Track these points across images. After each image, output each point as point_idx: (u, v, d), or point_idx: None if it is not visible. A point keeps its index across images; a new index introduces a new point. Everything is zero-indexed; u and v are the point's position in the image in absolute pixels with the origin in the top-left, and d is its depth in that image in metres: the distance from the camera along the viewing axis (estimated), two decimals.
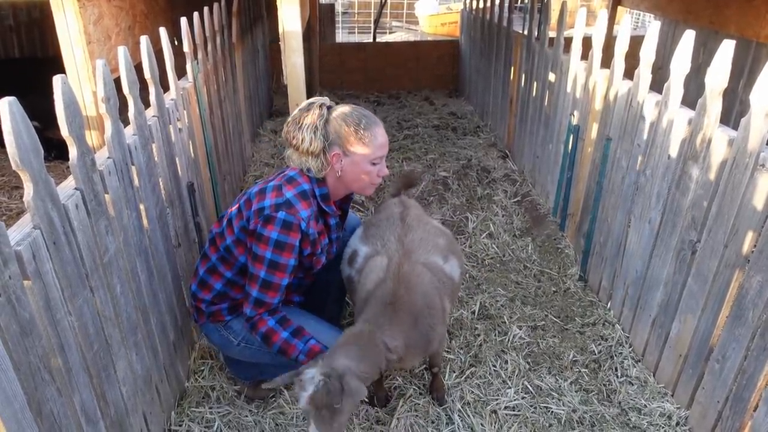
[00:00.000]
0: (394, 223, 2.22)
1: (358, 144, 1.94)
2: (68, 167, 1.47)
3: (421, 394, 2.30)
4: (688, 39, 2.09)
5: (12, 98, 1.15)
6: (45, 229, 1.28)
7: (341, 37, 11.87)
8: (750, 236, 1.79)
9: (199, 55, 3.00)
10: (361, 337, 1.84)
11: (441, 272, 2.11)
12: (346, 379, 1.66)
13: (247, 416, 2.18)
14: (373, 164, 1.97)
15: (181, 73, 2.62)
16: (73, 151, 1.44)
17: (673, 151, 2.22)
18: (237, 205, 2.02)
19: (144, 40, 2.08)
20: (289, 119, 1.99)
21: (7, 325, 1.12)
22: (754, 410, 1.76)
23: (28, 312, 1.20)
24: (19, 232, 1.24)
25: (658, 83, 2.34)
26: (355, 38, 12.36)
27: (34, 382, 1.21)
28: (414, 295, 1.94)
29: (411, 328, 1.92)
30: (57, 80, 1.35)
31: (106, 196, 1.62)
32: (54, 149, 4.19)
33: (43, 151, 1.27)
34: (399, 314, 1.90)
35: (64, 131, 1.40)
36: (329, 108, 1.97)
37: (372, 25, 9.62)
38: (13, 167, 1.20)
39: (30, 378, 1.20)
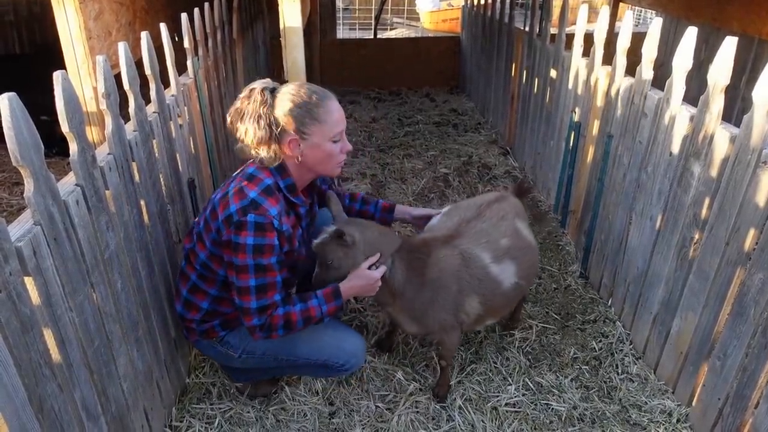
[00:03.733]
0: (471, 207, 2.26)
1: (314, 124, 1.76)
2: (69, 163, 1.46)
3: (421, 390, 2.30)
4: (690, 36, 2.08)
5: (12, 94, 1.15)
6: (45, 225, 1.28)
7: (342, 33, 11.83)
8: (752, 233, 1.79)
9: (200, 51, 2.99)
10: (388, 235, 2.03)
11: (481, 269, 2.08)
12: (347, 234, 1.87)
13: (248, 412, 2.18)
14: (334, 142, 1.81)
15: (181, 69, 2.61)
16: (73, 147, 1.44)
17: (675, 148, 2.21)
18: (203, 217, 1.88)
19: (144, 36, 2.08)
20: (231, 109, 1.80)
21: (8, 320, 1.12)
22: (755, 408, 1.76)
23: (29, 308, 1.20)
24: (19, 228, 1.24)
25: (659, 80, 2.33)
26: (356, 34, 12.33)
27: (35, 378, 1.21)
28: (433, 266, 2.02)
29: (414, 288, 2.03)
30: (57, 76, 1.35)
31: (106, 192, 1.62)
32: (57, 146, 4.19)
33: (43, 147, 1.27)
34: (413, 267, 2.00)
35: (65, 127, 1.40)
36: (273, 91, 1.78)
37: (373, 22, 9.59)
38: (14, 163, 1.20)
39: (31, 374, 1.20)
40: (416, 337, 2.56)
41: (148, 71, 2.11)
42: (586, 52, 3.14)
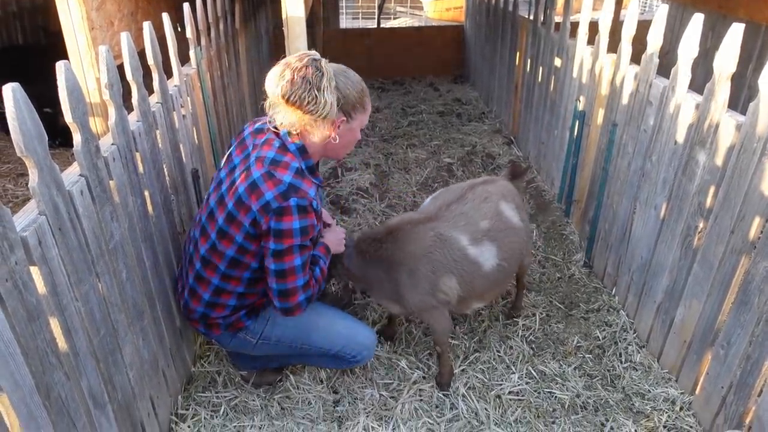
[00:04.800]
0: (455, 191, 2.31)
1: (360, 109, 1.82)
2: (73, 154, 1.47)
3: (424, 378, 2.31)
4: (696, 23, 2.06)
5: (15, 84, 1.15)
6: (50, 215, 1.29)
7: (345, 22, 11.77)
8: (757, 222, 1.78)
9: (202, 41, 2.98)
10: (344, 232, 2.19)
11: (458, 251, 2.13)
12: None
13: (254, 400, 2.20)
14: (360, 130, 1.89)
15: (184, 59, 2.61)
16: (77, 137, 1.44)
17: (680, 136, 2.20)
18: (221, 214, 1.82)
19: (147, 26, 2.07)
20: (288, 77, 1.67)
21: (15, 309, 1.13)
22: (759, 396, 1.77)
23: (35, 297, 1.21)
24: (24, 218, 1.24)
25: (665, 68, 2.31)
26: (359, 24, 12.25)
27: (42, 366, 1.23)
28: (398, 249, 2.11)
29: (377, 271, 2.14)
30: (60, 66, 1.35)
31: (110, 182, 1.63)
32: (60, 136, 4.20)
33: (47, 138, 1.27)
34: (369, 252, 2.14)
35: (68, 117, 1.40)
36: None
37: (376, 11, 9.53)
38: (18, 153, 1.20)
39: (38, 362, 1.21)
40: (408, 321, 2.59)
41: (150, 61, 2.11)
42: (591, 40, 3.11)
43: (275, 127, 1.82)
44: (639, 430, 2.06)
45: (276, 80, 1.71)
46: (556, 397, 2.22)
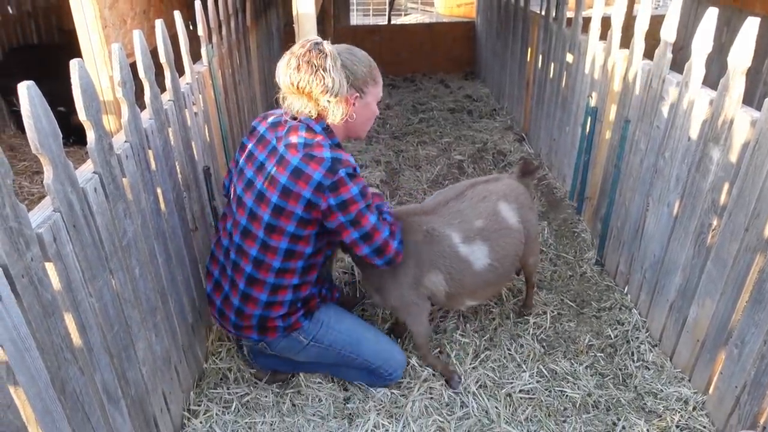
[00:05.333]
0: (457, 188, 2.32)
1: (372, 83, 1.87)
2: (87, 152, 1.48)
3: (434, 376, 2.31)
4: (710, 18, 2.03)
5: (30, 82, 1.16)
6: (65, 212, 1.31)
7: (356, 19, 11.76)
8: None
9: (214, 39, 3.00)
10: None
11: (449, 248, 2.14)
12: None
13: (266, 397, 2.22)
14: (376, 105, 1.94)
15: (195, 57, 2.62)
16: (90, 135, 1.46)
17: (694, 132, 2.17)
18: (266, 210, 1.83)
19: (159, 24, 2.08)
20: (294, 64, 1.74)
21: (30, 305, 1.15)
22: None
23: (50, 293, 1.23)
24: (40, 215, 1.26)
25: (679, 63, 2.29)
26: (370, 20, 12.24)
27: (57, 361, 1.24)
28: None
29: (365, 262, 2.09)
30: (74, 64, 1.36)
31: (123, 179, 1.64)
32: (74, 134, 4.24)
33: (61, 136, 1.29)
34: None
35: (82, 115, 1.42)
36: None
37: (387, 7, 9.51)
38: (33, 151, 1.22)
39: (53, 357, 1.23)
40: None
41: (163, 59, 2.12)
42: (603, 35, 3.09)
43: (293, 117, 1.86)
44: (651, 429, 2.05)
45: (284, 70, 1.78)
46: (567, 395, 2.21)
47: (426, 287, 2.16)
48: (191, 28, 2.65)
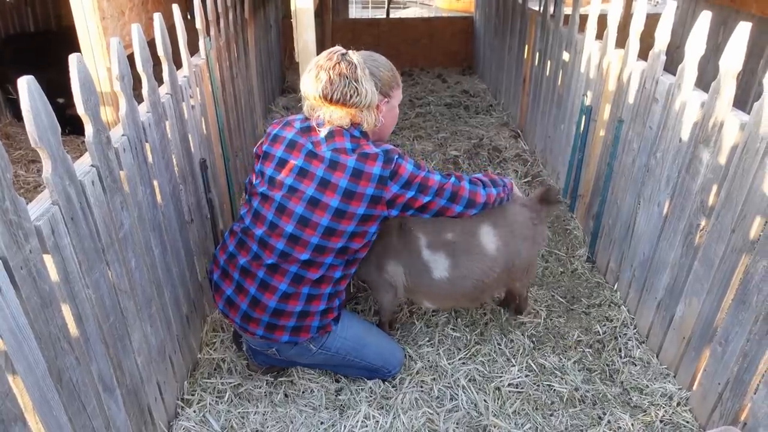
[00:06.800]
0: None
1: (396, 88, 1.95)
2: (83, 142, 1.50)
3: (425, 369, 2.35)
4: (703, 20, 2.06)
5: (30, 77, 1.18)
6: (63, 204, 1.33)
7: (354, 12, 11.73)
8: (758, 221, 1.79)
9: (212, 32, 3.00)
10: None
11: (414, 246, 2.23)
12: None
13: (259, 388, 2.25)
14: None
15: (192, 49, 2.63)
16: (88, 129, 1.48)
17: (685, 134, 2.21)
18: (324, 215, 1.85)
19: (158, 17, 2.10)
20: (324, 78, 1.78)
21: (29, 296, 1.18)
22: (754, 393, 1.79)
23: (48, 284, 1.25)
24: (38, 207, 1.28)
25: (675, 64, 2.31)
26: (369, 14, 12.21)
27: (54, 350, 1.27)
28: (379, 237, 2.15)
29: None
30: (73, 59, 1.38)
31: (121, 172, 1.66)
32: (69, 125, 4.24)
33: (60, 129, 1.31)
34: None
35: (80, 109, 1.43)
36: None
37: (386, 1, 9.49)
38: (32, 145, 1.24)
39: (50, 347, 1.25)
40: (411, 313, 2.62)
41: (160, 52, 2.14)
42: (600, 34, 3.11)
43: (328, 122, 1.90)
44: (636, 424, 2.10)
45: (314, 84, 1.82)
46: (555, 390, 2.26)
47: (389, 273, 2.27)
48: (189, 17, 2.65)
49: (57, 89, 2.46)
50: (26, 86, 1.17)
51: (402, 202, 1.92)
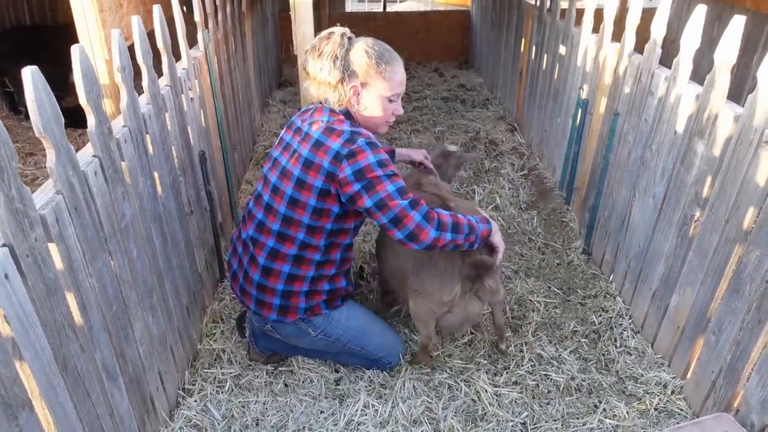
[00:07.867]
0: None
1: (378, 77, 1.91)
2: (80, 135, 1.51)
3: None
4: (699, 14, 2.08)
5: (34, 68, 1.19)
6: (67, 194, 1.34)
7: (351, 6, 11.71)
8: (751, 212, 1.82)
9: (210, 24, 3.01)
10: None
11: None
12: None
13: (259, 378, 2.27)
14: (390, 101, 1.98)
15: (191, 42, 2.64)
16: (91, 120, 1.49)
17: (680, 126, 2.23)
18: (288, 185, 1.90)
19: (157, 9, 2.10)
20: (308, 47, 1.92)
21: (35, 284, 1.19)
22: (747, 381, 1.82)
23: (53, 273, 1.27)
24: (42, 197, 1.30)
25: (670, 57, 2.33)
26: (365, 7, 12.18)
27: (59, 338, 1.29)
28: None
29: None
30: (75, 50, 1.39)
31: (122, 163, 1.68)
32: (66, 117, 4.23)
33: (63, 120, 1.32)
34: None
35: (83, 100, 1.45)
36: (350, 39, 1.92)
37: None
38: (36, 134, 1.25)
39: (55, 334, 1.27)
40: None
41: (160, 44, 2.14)
42: (596, 28, 3.13)
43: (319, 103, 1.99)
44: (631, 412, 2.13)
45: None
46: (551, 379, 2.29)
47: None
48: (185, 9, 2.65)
49: (52, 82, 2.46)
50: (30, 77, 1.19)
51: (348, 192, 1.84)
